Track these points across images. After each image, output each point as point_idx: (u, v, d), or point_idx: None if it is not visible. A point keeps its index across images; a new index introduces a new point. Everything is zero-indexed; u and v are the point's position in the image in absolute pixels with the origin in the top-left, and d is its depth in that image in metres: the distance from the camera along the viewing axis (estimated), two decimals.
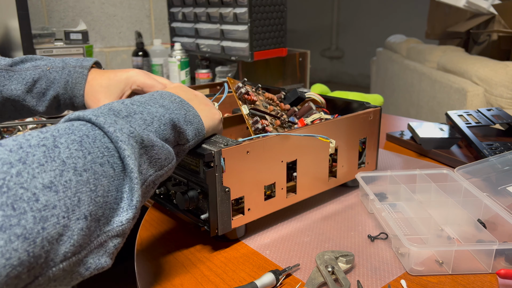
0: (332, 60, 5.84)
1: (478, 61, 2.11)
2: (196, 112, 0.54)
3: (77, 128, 0.39)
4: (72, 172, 0.35)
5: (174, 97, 0.53)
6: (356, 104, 0.80)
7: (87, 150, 0.37)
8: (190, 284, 0.53)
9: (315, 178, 0.70)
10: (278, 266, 0.56)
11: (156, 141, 0.45)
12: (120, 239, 0.39)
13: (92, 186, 0.36)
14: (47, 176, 0.33)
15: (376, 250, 0.60)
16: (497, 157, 0.74)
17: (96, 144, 0.38)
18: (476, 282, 0.52)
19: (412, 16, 4.54)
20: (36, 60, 0.67)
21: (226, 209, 0.57)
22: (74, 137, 0.37)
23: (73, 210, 0.34)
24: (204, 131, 0.55)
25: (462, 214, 0.62)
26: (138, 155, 0.41)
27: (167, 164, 0.47)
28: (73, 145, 0.36)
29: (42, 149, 0.34)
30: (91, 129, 0.39)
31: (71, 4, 1.69)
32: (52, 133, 0.36)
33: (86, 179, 0.36)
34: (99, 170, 0.37)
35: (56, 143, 0.35)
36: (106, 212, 0.37)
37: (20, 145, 0.34)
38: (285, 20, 1.40)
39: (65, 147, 0.36)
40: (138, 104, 0.48)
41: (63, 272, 0.33)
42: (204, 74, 1.58)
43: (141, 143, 0.42)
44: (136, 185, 0.40)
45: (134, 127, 0.43)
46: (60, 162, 0.34)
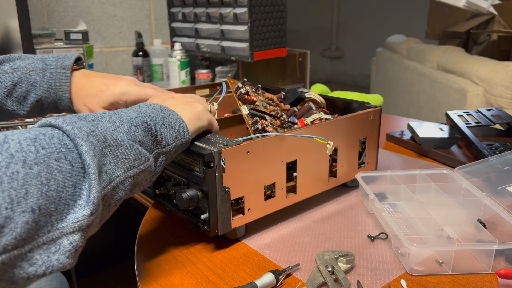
0: (332, 60, 5.84)
1: (478, 61, 2.11)
2: (177, 115, 0.54)
3: (34, 129, 0.38)
4: (21, 165, 0.34)
5: (153, 105, 0.53)
6: (356, 104, 0.80)
7: (40, 145, 0.36)
8: (190, 284, 0.53)
9: (315, 178, 0.70)
10: (278, 266, 0.56)
11: (122, 140, 0.44)
12: (77, 236, 0.37)
13: (43, 180, 0.35)
14: None
15: (376, 250, 0.60)
16: (497, 157, 0.74)
17: (53, 141, 0.38)
18: (476, 282, 0.52)
19: (412, 16, 4.54)
20: (15, 60, 0.64)
21: (226, 209, 0.57)
22: (28, 135, 0.37)
23: (19, 202, 0.33)
24: (188, 133, 0.55)
25: (462, 214, 0.62)
26: (100, 153, 0.41)
27: (138, 165, 0.46)
28: (25, 141, 0.36)
29: None
30: (49, 130, 0.39)
31: (71, 4, 1.69)
32: (5, 133, 0.36)
33: (37, 172, 0.35)
34: (53, 165, 0.36)
35: (6, 139, 0.35)
36: (60, 208, 0.36)
37: None
38: (285, 20, 1.40)
39: (15, 142, 0.35)
40: (109, 112, 0.48)
41: (2, 266, 0.32)
42: (204, 74, 1.58)
43: (103, 142, 0.42)
44: (93, 180, 0.39)
45: (96, 126, 0.43)
46: (8, 155, 0.34)
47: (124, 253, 1.68)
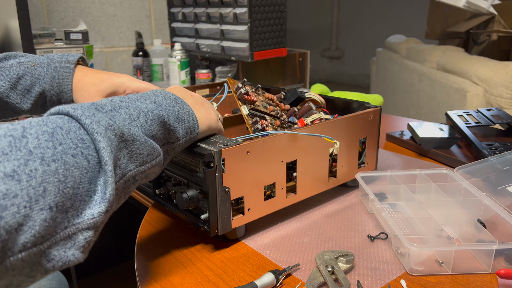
0: (332, 60, 5.84)
1: (478, 61, 2.11)
2: (191, 110, 0.54)
3: (51, 120, 0.38)
4: (39, 162, 0.34)
5: (169, 95, 0.53)
6: (356, 104, 0.80)
7: (58, 141, 0.36)
8: (190, 284, 0.53)
9: (315, 178, 0.70)
10: (278, 266, 0.56)
11: (138, 135, 0.44)
12: (91, 232, 0.38)
13: (61, 177, 0.35)
14: (9, 165, 0.32)
15: (376, 250, 0.60)
16: (497, 157, 0.74)
17: (70, 135, 0.37)
18: (476, 282, 0.52)
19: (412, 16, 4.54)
20: (20, 57, 0.66)
21: (226, 209, 0.58)
22: (46, 128, 0.37)
23: (37, 200, 0.33)
24: (198, 130, 0.55)
25: (462, 214, 0.62)
26: (116, 148, 0.40)
27: (150, 160, 0.46)
28: (43, 136, 0.36)
29: (8, 139, 0.33)
30: (66, 122, 0.38)
31: (71, 4, 1.69)
32: (23, 125, 0.36)
33: (55, 169, 0.35)
34: (70, 161, 0.36)
35: (25, 133, 0.35)
36: (76, 204, 0.36)
37: None
38: (285, 20, 1.40)
39: (34, 137, 0.35)
40: (127, 101, 0.47)
41: (22, 263, 0.32)
42: (204, 74, 1.59)
43: (120, 137, 0.41)
44: (110, 178, 0.39)
45: (114, 120, 0.42)
46: (26, 152, 0.34)
47: (124, 253, 1.68)
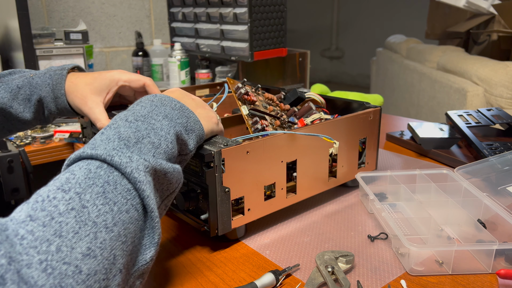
0: (332, 60, 5.84)
1: (478, 61, 2.11)
2: (196, 117, 0.54)
3: (96, 175, 0.38)
4: (105, 231, 0.35)
5: (174, 103, 0.53)
6: (356, 104, 0.80)
7: (112, 200, 0.37)
8: (190, 284, 0.53)
9: (315, 178, 0.70)
10: (278, 266, 0.56)
11: (167, 167, 0.45)
12: (145, 275, 0.41)
13: (123, 238, 0.37)
14: (83, 243, 0.33)
15: (376, 250, 0.60)
16: (497, 157, 0.74)
17: (118, 189, 0.38)
18: (476, 282, 0.52)
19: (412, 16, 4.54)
20: (24, 72, 0.70)
21: (226, 209, 0.57)
22: (97, 188, 0.37)
23: (111, 269, 0.35)
24: (204, 136, 0.56)
25: (462, 214, 0.62)
26: (154, 189, 0.42)
27: (177, 185, 0.48)
28: (99, 200, 0.37)
29: (73, 214, 0.34)
30: (109, 173, 0.39)
31: (71, 4, 1.69)
32: (76, 190, 0.36)
33: (117, 233, 0.36)
34: (126, 219, 0.38)
35: (82, 202, 0.36)
36: (133, 256, 0.38)
37: (50, 215, 0.34)
38: (285, 20, 1.40)
39: (92, 204, 0.36)
40: (142, 120, 0.47)
41: None
42: (204, 74, 1.58)
43: (155, 175, 0.43)
44: (157, 223, 0.40)
45: (144, 157, 0.43)
46: (92, 224, 0.35)
47: None
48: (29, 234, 0.32)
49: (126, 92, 0.71)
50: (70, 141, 1.11)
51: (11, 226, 0.32)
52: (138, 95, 0.71)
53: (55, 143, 1.10)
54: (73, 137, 1.10)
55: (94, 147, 0.41)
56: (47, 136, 1.12)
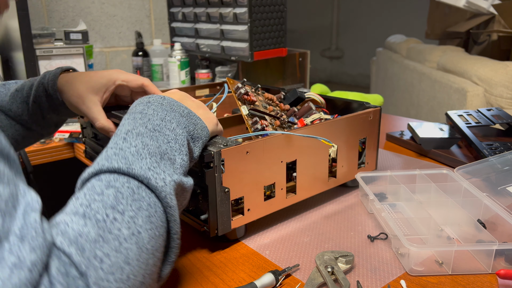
0: (332, 60, 5.84)
1: (478, 61, 2.11)
2: (203, 123, 0.54)
3: (140, 196, 0.40)
4: (152, 257, 0.39)
5: (182, 109, 0.53)
6: (356, 104, 0.80)
7: (155, 225, 0.40)
8: (190, 284, 0.53)
9: (315, 178, 0.70)
10: (277, 266, 0.56)
11: (185, 182, 0.46)
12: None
13: (158, 263, 0.40)
14: (141, 271, 0.37)
15: (376, 250, 0.60)
16: (497, 157, 0.74)
17: (158, 214, 0.41)
18: (476, 283, 0.52)
19: (412, 16, 4.54)
20: (26, 82, 0.71)
21: (225, 209, 0.57)
22: (145, 212, 0.39)
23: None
24: (207, 140, 0.56)
25: (462, 214, 0.62)
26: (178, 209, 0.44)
27: (190, 192, 0.49)
28: (147, 225, 0.39)
29: (134, 240, 0.37)
30: (149, 195, 0.41)
31: (71, 4, 1.69)
32: (129, 214, 0.38)
33: (158, 258, 0.39)
34: (162, 242, 0.40)
35: (137, 227, 0.38)
36: (154, 274, 0.40)
37: (118, 240, 0.36)
38: (285, 20, 1.40)
39: (144, 230, 0.38)
40: (159, 130, 0.47)
41: None
42: (204, 74, 1.58)
43: (176, 191, 0.44)
44: (177, 245, 0.43)
45: (171, 177, 0.44)
46: (146, 251, 0.38)
47: None
48: (106, 258, 0.34)
49: (123, 92, 0.70)
50: (70, 141, 1.11)
51: (86, 246, 0.33)
52: (135, 95, 0.70)
53: (55, 143, 1.10)
54: (73, 137, 1.10)
55: (128, 162, 0.41)
56: None
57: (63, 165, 1.27)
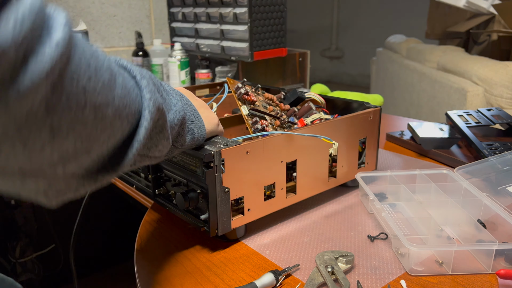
0: (332, 60, 5.84)
1: (478, 61, 2.11)
2: (203, 125, 0.55)
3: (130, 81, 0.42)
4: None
5: (189, 103, 0.53)
6: (356, 104, 0.80)
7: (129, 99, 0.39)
8: (190, 284, 0.53)
9: (315, 178, 0.70)
10: (277, 266, 0.56)
11: (168, 124, 0.45)
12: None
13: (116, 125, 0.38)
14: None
15: (376, 250, 0.60)
16: (497, 157, 0.74)
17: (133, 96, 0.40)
18: (476, 282, 0.52)
19: (412, 16, 4.54)
20: None
21: (226, 209, 0.57)
22: (129, 86, 0.41)
23: None
24: (202, 140, 0.56)
25: (462, 214, 0.62)
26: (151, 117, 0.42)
27: (159, 155, 0.46)
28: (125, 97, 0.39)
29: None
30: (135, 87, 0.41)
31: (71, 4, 1.69)
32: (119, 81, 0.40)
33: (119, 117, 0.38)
34: (128, 113, 0.38)
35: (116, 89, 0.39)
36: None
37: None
38: (285, 20, 1.40)
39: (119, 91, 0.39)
40: (166, 96, 0.47)
41: None
42: (204, 74, 1.58)
43: (156, 115, 0.42)
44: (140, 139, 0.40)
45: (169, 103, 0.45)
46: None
47: (124, 253, 1.68)
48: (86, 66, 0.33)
49: None
50: None
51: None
52: None
53: None
54: None
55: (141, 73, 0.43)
56: None
57: None
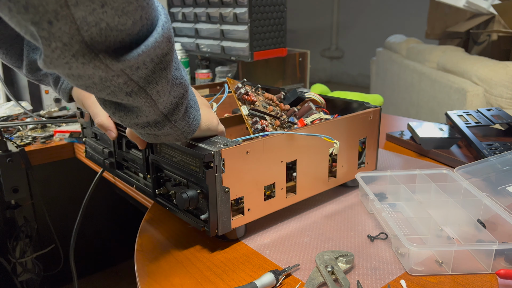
0: (332, 60, 5.85)
1: (478, 61, 2.11)
2: (198, 117, 0.55)
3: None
4: None
5: (193, 93, 0.54)
6: (356, 104, 0.80)
7: None
8: (190, 284, 0.53)
9: (315, 178, 0.70)
10: (278, 266, 0.56)
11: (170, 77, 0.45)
12: None
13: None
14: None
15: (376, 250, 0.60)
16: (497, 157, 0.74)
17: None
18: (475, 282, 0.52)
19: (412, 16, 4.54)
20: None
21: (226, 209, 0.58)
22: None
23: None
24: (193, 133, 0.55)
25: (462, 214, 0.62)
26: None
27: (146, 115, 0.46)
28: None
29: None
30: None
31: None
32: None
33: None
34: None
35: None
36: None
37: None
38: (285, 20, 1.40)
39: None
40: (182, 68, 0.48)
41: None
42: (204, 74, 1.58)
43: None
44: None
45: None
46: None
47: (124, 253, 1.68)
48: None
49: None
50: (70, 141, 1.11)
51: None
52: None
53: (55, 142, 1.10)
54: (73, 137, 1.11)
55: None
56: (47, 136, 1.12)
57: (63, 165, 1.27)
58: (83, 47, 0.35)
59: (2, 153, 0.97)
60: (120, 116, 0.46)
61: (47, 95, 1.24)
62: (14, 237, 1.13)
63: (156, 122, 0.48)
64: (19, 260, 1.12)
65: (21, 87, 1.30)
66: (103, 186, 1.05)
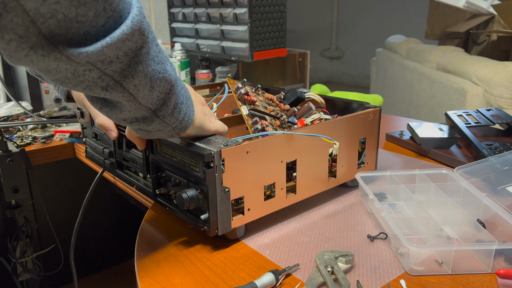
0: (332, 60, 5.85)
1: (477, 61, 2.11)
2: (191, 113, 0.54)
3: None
4: None
5: (186, 88, 0.54)
6: (356, 104, 0.80)
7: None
8: (190, 284, 0.54)
9: (315, 178, 0.70)
10: (277, 266, 0.56)
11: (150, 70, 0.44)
12: None
13: None
14: None
15: (375, 250, 0.60)
16: (497, 157, 0.74)
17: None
18: (475, 282, 0.53)
19: (412, 16, 4.55)
20: None
21: (226, 209, 0.58)
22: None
23: None
24: (178, 135, 0.55)
25: (462, 214, 0.62)
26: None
27: (127, 110, 0.46)
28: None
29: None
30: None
31: None
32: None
33: None
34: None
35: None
36: None
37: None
38: (285, 20, 1.40)
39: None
40: (165, 56, 0.47)
41: None
42: (204, 74, 1.59)
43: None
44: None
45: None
46: None
47: (124, 253, 1.68)
48: None
49: None
50: (70, 141, 1.11)
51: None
52: None
53: (56, 142, 1.10)
54: (74, 137, 1.11)
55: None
56: (48, 136, 1.12)
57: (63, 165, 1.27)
58: (41, 39, 0.34)
59: (3, 153, 0.97)
60: (106, 112, 0.47)
61: (47, 95, 1.24)
62: (15, 237, 1.13)
63: (144, 117, 0.48)
64: (19, 260, 1.12)
65: (22, 87, 1.30)
66: (103, 186, 1.06)
